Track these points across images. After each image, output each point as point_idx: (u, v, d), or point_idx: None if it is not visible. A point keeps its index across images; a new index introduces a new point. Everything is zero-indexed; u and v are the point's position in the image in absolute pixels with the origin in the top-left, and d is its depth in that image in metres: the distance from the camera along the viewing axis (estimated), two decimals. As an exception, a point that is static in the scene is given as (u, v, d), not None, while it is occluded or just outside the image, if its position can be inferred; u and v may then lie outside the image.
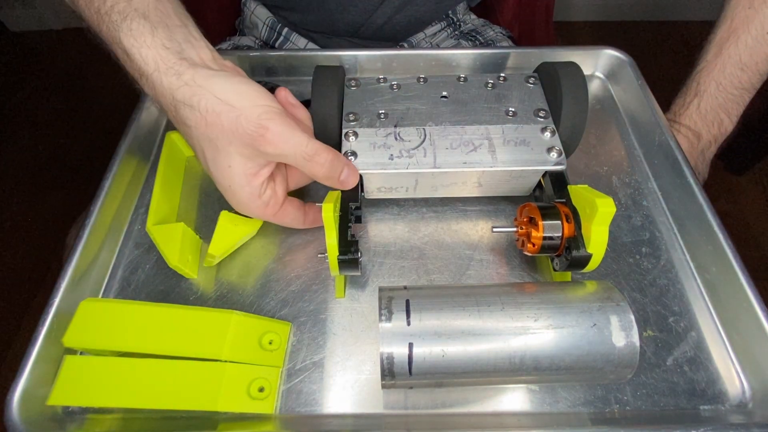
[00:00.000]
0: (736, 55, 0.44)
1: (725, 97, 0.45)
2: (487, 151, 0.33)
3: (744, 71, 0.44)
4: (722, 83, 0.45)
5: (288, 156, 0.29)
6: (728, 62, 0.44)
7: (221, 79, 0.28)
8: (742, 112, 0.46)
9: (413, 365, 0.24)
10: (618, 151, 0.42)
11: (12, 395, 0.27)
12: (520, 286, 0.28)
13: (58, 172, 1.22)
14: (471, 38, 0.58)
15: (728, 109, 0.46)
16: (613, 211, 0.27)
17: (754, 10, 0.43)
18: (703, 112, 0.46)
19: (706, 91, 0.45)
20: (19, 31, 1.60)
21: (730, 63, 0.44)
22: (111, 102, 1.38)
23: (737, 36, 0.44)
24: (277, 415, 0.28)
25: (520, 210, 0.33)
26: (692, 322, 0.32)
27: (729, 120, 0.46)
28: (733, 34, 0.44)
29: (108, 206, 0.36)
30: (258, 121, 0.27)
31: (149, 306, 0.30)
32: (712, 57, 0.45)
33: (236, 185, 0.30)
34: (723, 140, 0.47)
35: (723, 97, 0.45)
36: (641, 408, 0.29)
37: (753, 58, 0.44)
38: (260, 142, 0.28)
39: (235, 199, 0.31)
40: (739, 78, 0.44)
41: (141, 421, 0.29)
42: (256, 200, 0.30)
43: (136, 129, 0.40)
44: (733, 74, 0.44)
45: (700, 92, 0.46)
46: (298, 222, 0.34)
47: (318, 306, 0.33)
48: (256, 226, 0.35)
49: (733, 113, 0.46)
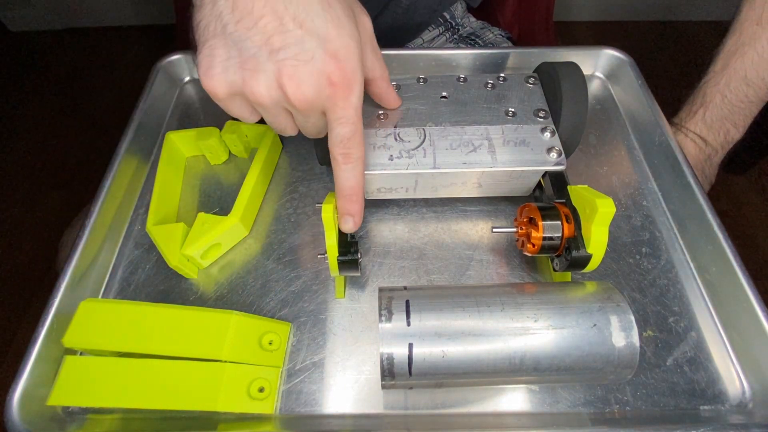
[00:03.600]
0: (741, 71, 0.44)
1: (731, 109, 0.45)
2: (486, 151, 0.33)
3: (750, 86, 0.44)
4: (727, 96, 0.45)
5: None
6: (734, 76, 0.44)
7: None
8: (749, 122, 0.46)
9: (413, 365, 0.24)
10: (618, 151, 0.42)
11: (12, 395, 0.27)
12: (520, 287, 0.28)
13: (58, 172, 1.22)
14: (470, 42, 0.58)
15: (735, 120, 0.46)
16: (613, 212, 0.27)
17: (761, 27, 0.43)
18: (709, 122, 0.46)
19: (711, 101, 0.46)
20: (19, 31, 1.60)
21: (735, 77, 0.44)
22: (111, 102, 1.39)
23: (744, 51, 0.44)
24: (277, 416, 0.28)
25: (520, 210, 0.33)
26: (692, 322, 0.32)
27: (736, 130, 0.46)
28: (740, 48, 0.44)
29: (108, 206, 0.36)
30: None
31: (149, 306, 0.30)
32: (719, 69, 0.45)
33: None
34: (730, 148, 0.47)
35: (729, 108, 0.45)
36: (641, 408, 0.29)
37: (759, 74, 0.44)
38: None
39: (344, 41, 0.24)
40: (745, 92, 0.45)
41: (141, 421, 0.29)
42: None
43: (136, 129, 0.40)
44: (738, 88, 0.45)
45: (706, 103, 0.46)
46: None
47: (318, 306, 0.33)
48: (229, 225, 0.34)
49: (740, 124, 0.46)
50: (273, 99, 0.24)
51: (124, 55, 1.53)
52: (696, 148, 0.46)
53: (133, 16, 1.59)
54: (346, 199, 0.28)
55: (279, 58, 0.23)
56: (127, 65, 1.50)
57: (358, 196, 0.28)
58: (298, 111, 0.25)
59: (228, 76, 0.24)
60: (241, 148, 0.40)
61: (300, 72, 0.23)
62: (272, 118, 0.27)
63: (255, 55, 0.23)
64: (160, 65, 0.45)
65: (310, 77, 0.23)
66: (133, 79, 1.42)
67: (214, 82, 0.24)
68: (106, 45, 1.56)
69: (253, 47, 0.23)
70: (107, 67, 1.49)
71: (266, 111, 0.26)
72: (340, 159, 0.27)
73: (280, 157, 0.42)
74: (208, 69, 0.24)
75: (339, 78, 0.24)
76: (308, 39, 0.23)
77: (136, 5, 1.56)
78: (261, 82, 0.24)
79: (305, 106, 0.24)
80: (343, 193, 0.28)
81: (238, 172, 0.41)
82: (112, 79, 1.46)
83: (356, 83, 0.24)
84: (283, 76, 0.23)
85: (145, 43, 1.56)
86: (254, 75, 0.23)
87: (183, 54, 0.46)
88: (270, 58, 0.23)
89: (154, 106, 0.43)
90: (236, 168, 0.41)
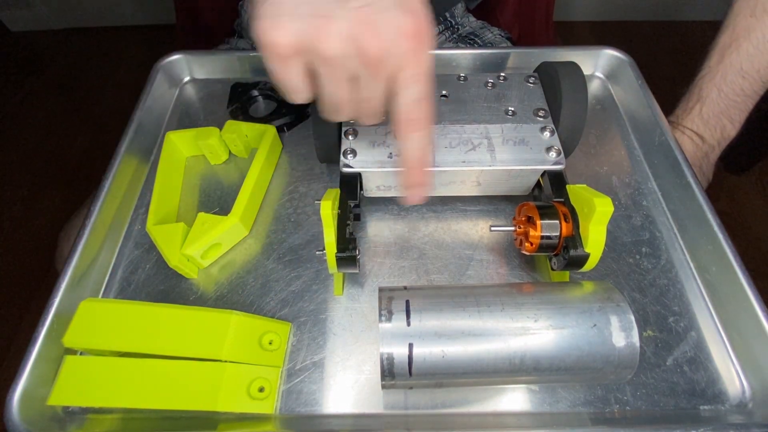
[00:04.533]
0: (737, 63, 0.44)
1: (727, 104, 0.45)
2: (486, 150, 0.33)
3: (745, 79, 0.44)
4: (724, 90, 0.45)
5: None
6: (729, 70, 0.45)
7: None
8: (745, 118, 0.46)
9: (413, 366, 0.24)
10: (618, 151, 0.42)
11: (12, 395, 0.27)
12: (519, 287, 0.28)
13: (58, 172, 1.22)
14: (470, 41, 0.57)
15: (731, 115, 0.46)
16: (611, 211, 0.27)
17: (755, 18, 0.43)
18: (706, 118, 0.46)
19: (708, 96, 0.46)
20: (19, 31, 1.60)
21: (731, 70, 0.45)
22: (111, 102, 1.39)
23: (739, 44, 0.44)
24: (277, 415, 0.28)
25: (519, 209, 0.33)
26: (692, 322, 0.32)
27: (732, 126, 0.46)
28: (735, 41, 0.44)
29: (108, 206, 0.36)
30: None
31: (149, 306, 0.30)
32: (714, 63, 0.46)
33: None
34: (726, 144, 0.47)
35: (725, 103, 0.45)
36: (641, 408, 0.29)
37: (754, 66, 0.44)
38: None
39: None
40: (741, 85, 0.45)
41: (141, 421, 0.29)
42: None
43: (136, 129, 0.40)
44: (734, 82, 0.45)
45: (702, 98, 0.46)
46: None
47: (318, 306, 0.33)
48: (229, 224, 0.34)
49: (736, 119, 0.46)
50: (345, 53, 0.22)
51: (124, 55, 1.53)
52: (693, 146, 0.46)
53: (133, 16, 1.59)
54: (419, 170, 0.26)
55: (355, 5, 0.22)
56: (127, 65, 1.50)
57: (428, 164, 0.27)
58: (368, 69, 0.23)
59: (297, 25, 0.22)
60: (241, 148, 0.40)
61: (378, 20, 0.22)
62: (333, 85, 0.24)
63: (328, 3, 0.22)
64: (160, 65, 0.45)
65: (387, 27, 0.22)
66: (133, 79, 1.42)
67: (281, 33, 0.22)
68: (106, 45, 1.56)
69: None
70: (107, 67, 1.49)
71: (332, 71, 0.24)
72: (413, 124, 0.25)
73: (280, 157, 0.42)
74: (276, 17, 0.22)
75: (415, 31, 0.22)
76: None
77: (136, 5, 1.56)
78: (334, 32, 0.22)
79: (378, 61, 0.22)
80: (416, 163, 0.26)
81: (238, 172, 0.41)
82: (112, 79, 1.46)
83: (430, 39, 0.23)
84: (360, 24, 0.21)
85: (145, 43, 1.55)
86: (328, 23, 0.21)
87: (183, 54, 0.46)
88: (344, 5, 0.21)
89: (154, 106, 0.43)
90: (236, 168, 0.41)
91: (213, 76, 0.48)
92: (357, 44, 0.22)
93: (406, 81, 0.24)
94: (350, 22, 0.22)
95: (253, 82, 0.46)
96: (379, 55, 0.22)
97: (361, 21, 0.22)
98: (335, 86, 0.25)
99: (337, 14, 0.22)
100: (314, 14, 0.22)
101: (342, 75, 0.24)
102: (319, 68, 0.24)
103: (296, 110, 0.44)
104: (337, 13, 0.22)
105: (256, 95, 0.46)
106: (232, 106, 0.44)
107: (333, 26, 0.22)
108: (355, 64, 0.23)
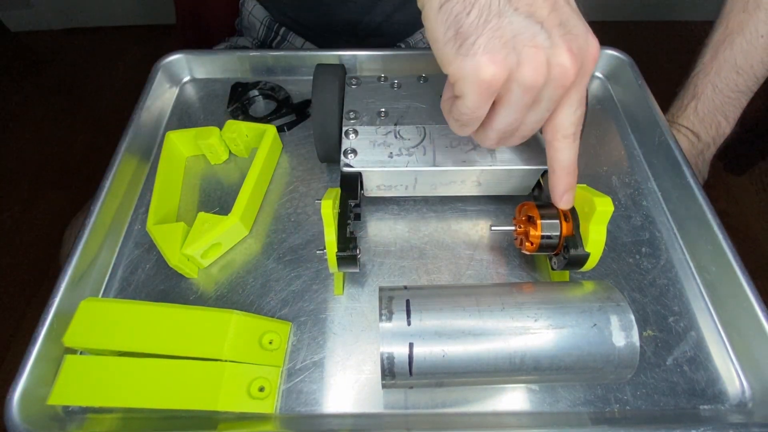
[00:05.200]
0: (731, 59, 0.44)
1: (722, 100, 0.45)
2: (486, 150, 0.33)
3: (740, 74, 0.44)
4: (718, 86, 0.45)
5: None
6: (724, 65, 0.45)
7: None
8: (739, 114, 0.47)
9: (413, 365, 0.24)
10: (618, 151, 0.42)
11: (12, 395, 0.27)
12: (520, 286, 0.28)
13: (58, 172, 1.22)
14: None
15: (725, 111, 0.46)
16: (611, 211, 0.27)
17: (748, 14, 0.43)
18: (701, 115, 0.46)
19: (703, 93, 0.46)
20: (19, 31, 1.60)
21: (725, 66, 0.45)
22: (111, 102, 1.39)
23: (732, 39, 0.44)
24: (277, 415, 0.28)
25: (519, 209, 0.33)
26: (692, 322, 0.32)
27: (726, 123, 0.46)
28: (728, 37, 0.44)
29: (108, 206, 0.36)
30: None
31: (149, 306, 0.30)
32: (709, 60, 0.46)
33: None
34: (721, 142, 0.47)
35: (720, 99, 0.45)
36: (641, 408, 0.29)
37: (748, 61, 0.44)
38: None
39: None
40: (735, 81, 0.45)
41: (141, 421, 0.29)
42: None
43: (136, 129, 0.40)
44: (728, 77, 0.45)
45: (697, 95, 0.46)
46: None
47: (318, 306, 0.33)
48: (229, 224, 0.34)
49: (731, 116, 0.46)
50: (548, 79, 0.23)
51: (124, 55, 1.53)
52: (689, 143, 0.46)
53: (133, 16, 1.59)
54: (572, 175, 0.28)
55: (559, 33, 0.22)
56: (127, 65, 1.50)
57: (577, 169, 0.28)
58: (557, 92, 0.24)
59: (513, 58, 0.22)
60: (241, 148, 0.40)
61: (579, 47, 0.23)
62: (516, 112, 0.25)
63: (536, 32, 0.22)
64: (160, 65, 0.45)
65: (585, 52, 0.23)
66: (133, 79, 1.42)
67: (499, 68, 0.22)
68: (106, 45, 1.56)
69: (531, 25, 0.22)
70: (107, 67, 1.49)
71: (523, 98, 0.24)
72: (572, 138, 0.26)
73: (280, 157, 0.42)
74: (494, 52, 0.22)
75: (596, 55, 0.24)
76: (574, 16, 0.23)
77: (136, 5, 1.56)
78: (541, 61, 0.22)
79: (571, 84, 0.23)
80: (570, 170, 0.27)
81: (238, 171, 0.41)
82: (112, 79, 1.46)
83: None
84: (566, 52, 0.22)
85: (145, 43, 1.56)
86: (537, 53, 0.22)
87: (183, 53, 0.46)
88: (551, 33, 0.22)
89: (153, 106, 0.43)
90: (236, 168, 0.41)
91: (213, 75, 0.48)
92: (560, 70, 0.23)
93: (575, 103, 0.25)
94: (558, 49, 0.22)
95: (253, 82, 0.46)
96: (574, 79, 0.23)
97: (568, 49, 0.22)
98: (517, 112, 0.25)
99: (546, 43, 0.22)
100: (528, 44, 0.22)
101: (530, 101, 0.24)
102: (511, 96, 0.24)
103: (296, 110, 0.44)
104: (546, 42, 0.22)
105: (256, 95, 0.46)
106: (232, 106, 0.44)
107: (541, 56, 0.22)
108: (550, 89, 0.23)
